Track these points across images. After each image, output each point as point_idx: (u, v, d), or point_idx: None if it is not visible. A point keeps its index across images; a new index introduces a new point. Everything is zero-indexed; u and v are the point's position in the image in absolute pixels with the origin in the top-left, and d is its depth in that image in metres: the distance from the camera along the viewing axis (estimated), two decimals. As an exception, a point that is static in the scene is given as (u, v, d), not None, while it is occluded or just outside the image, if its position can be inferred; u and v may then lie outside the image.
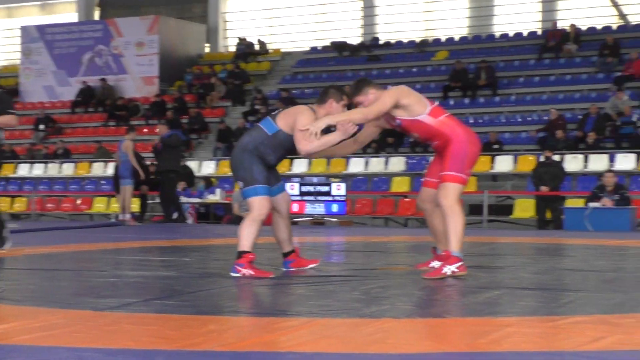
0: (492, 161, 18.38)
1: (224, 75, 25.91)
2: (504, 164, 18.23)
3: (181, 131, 18.55)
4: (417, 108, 6.01)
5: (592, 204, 13.98)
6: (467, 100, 21.81)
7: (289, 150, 6.24)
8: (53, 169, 22.78)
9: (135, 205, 17.22)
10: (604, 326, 3.92)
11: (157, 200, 17.15)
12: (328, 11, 28.70)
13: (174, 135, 15.84)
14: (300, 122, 5.96)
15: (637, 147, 17.67)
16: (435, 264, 6.29)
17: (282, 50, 28.15)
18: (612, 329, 3.83)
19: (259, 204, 6.12)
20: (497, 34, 25.52)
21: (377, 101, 5.93)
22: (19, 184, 22.59)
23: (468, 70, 22.29)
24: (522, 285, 5.63)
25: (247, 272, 5.97)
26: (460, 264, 5.84)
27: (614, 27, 23.95)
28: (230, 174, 20.60)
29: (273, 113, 6.28)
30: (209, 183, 18.58)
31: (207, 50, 29.46)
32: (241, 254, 6.03)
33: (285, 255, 6.47)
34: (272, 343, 3.64)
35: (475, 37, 25.54)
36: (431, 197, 6.27)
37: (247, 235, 6.06)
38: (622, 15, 24.72)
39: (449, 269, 5.80)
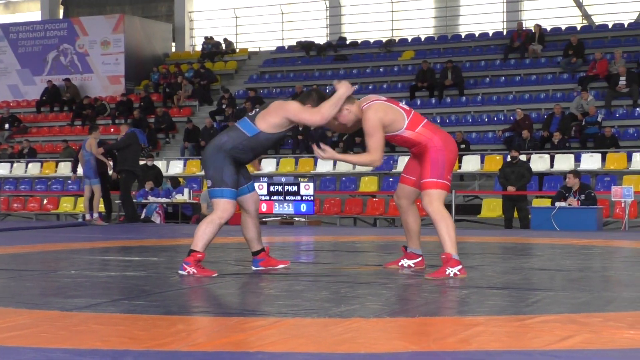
0: (460, 161, 18.44)
1: (191, 74, 25.83)
2: (471, 163, 18.31)
3: (142, 130, 17.97)
4: (396, 125, 6.02)
5: (559, 204, 14.08)
6: (433, 100, 21.90)
7: (267, 149, 6.28)
8: (19, 169, 22.58)
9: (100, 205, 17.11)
10: (572, 325, 3.94)
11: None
12: (294, 10, 28.70)
13: (130, 134, 15.33)
14: (292, 109, 6.00)
15: (601, 147, 17.83)
16: (405, 262, 6.31)
17: (249, 49, 28.12)
18: (579, 328, 3.85)
19: (222, 207, 6.08)
20: (463, 34, 25.65)
21: (374, 137, 5.95)
22: (-17, 184, 22.38)
23: (434, 70, 22.39)
24: (490, 285, 5.65)
25: (192, 270, 5.99)
26: (460, 267, 5.88)
27: (579, 27, 24.17)
28: (197, 173, 20.55)
29: (250, 114, 6.24)
30: (176, 183, 18.48)
31: (173, 49, 29.36)
32: (191, 252, 6.05)
33: (255, 254, 6.46)
34: (241, 343, 3.63)
35: (441, 37, 25.65)
36: (407, 194, 6.30)
37: (202, 234, 6.06)
38: (587, 16, 24.93)
39: (451, 271, 5.83)
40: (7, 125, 25.52)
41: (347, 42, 26.32)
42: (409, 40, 25.73)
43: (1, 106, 27.32)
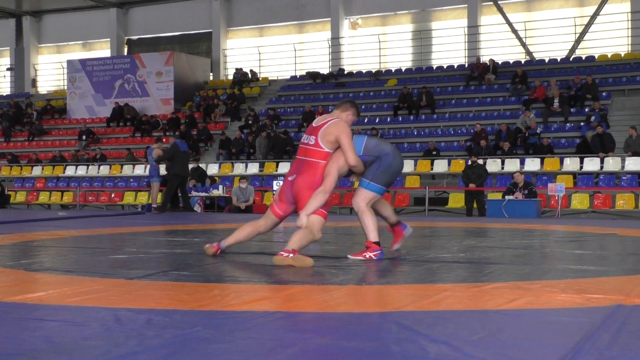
0: (432, 164, 18.45)
1: (225, 97, 25.83)
2: (440, 166, 18.30)
3: (183, 140, 16.21)
4: None
5: (508, 197, 14.07)
6: (412, 117, 21.88)
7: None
8: (93, 170, 22.62)
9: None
10: (518, 290, 3.94)
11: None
12: (304, 48, 28.70)
13: (173, 146, 14.67)
14: None
15: (540, 153, 17.82)
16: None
17: (269, 78, 28.12)
18: (523, 293, 3.86)
19: None
20: (434, 66, 25.62)
21: None
22: (67, 182, 22.42)
23: (412, 94, 22.37)
24: (454, 259, 5.64)
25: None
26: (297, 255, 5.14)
27: (523, 61, 24.12)
28: (229, 174, 20.40)
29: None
30: (212, 181, 18.51)
31: (211, 78, 29.37)
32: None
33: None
34: (263, 304, 3.64)
35: (417, 68, 25.62)
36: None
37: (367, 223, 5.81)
38: (529, 53, 24.90)
39: (287, 254, 5.13)
40: (84, 137, 25.56)
41: (345, 72, 26.30)
42: (393, 71, 25.70)
43: (80, 122, 27.37)
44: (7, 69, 34.22)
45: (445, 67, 25.01)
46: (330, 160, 5.49)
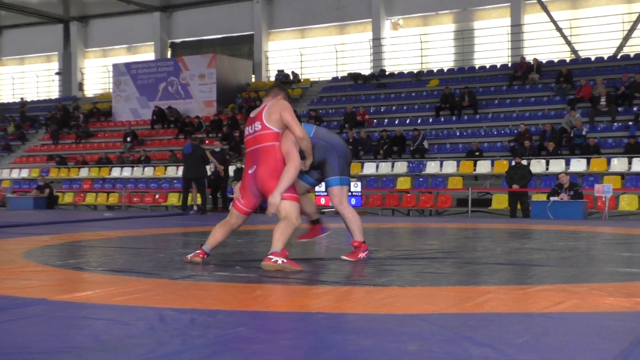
0: (475, 165, 18.27)
1: (267, 99, 25.94)
2: (483, 167, 18.11)
3: (191, 143, 15.30)
4: None
5: (553, 198, 13.86)
6: (454, 118, 21.70)
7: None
8: (137, 172, 22.94)
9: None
10: (563, 293, 3.88)
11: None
12: (346, 49, 28.68)
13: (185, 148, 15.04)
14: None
15: (587, 153, 17.51)
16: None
17: (311, 79, 28.16)
18: (569, 296, 3.80)
19: None
20: (477, 66, 25.36)
21: None
22: (112, 183, 22.78)
23: (454, 95, 22.18)
24: (498, 261, 5.58)
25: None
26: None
27: (568, 60, 23.73)
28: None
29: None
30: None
31: (253, 80, 29.54)
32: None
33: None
34: (305, 305, 3.64)
35: (459, 69, 25.39)
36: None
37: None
38: (574, 51, 24.49)
39: (277, 261, 4.96)
40: (129, 139, 25.94)
41: (387, 73, 26.21)
42: (435, 71, 25.52)
43: (125, 124, 27.79)
44: (56, 73, 34.98)
45: (488, 67, 24.73)
46: (283, 140, 5.26)
